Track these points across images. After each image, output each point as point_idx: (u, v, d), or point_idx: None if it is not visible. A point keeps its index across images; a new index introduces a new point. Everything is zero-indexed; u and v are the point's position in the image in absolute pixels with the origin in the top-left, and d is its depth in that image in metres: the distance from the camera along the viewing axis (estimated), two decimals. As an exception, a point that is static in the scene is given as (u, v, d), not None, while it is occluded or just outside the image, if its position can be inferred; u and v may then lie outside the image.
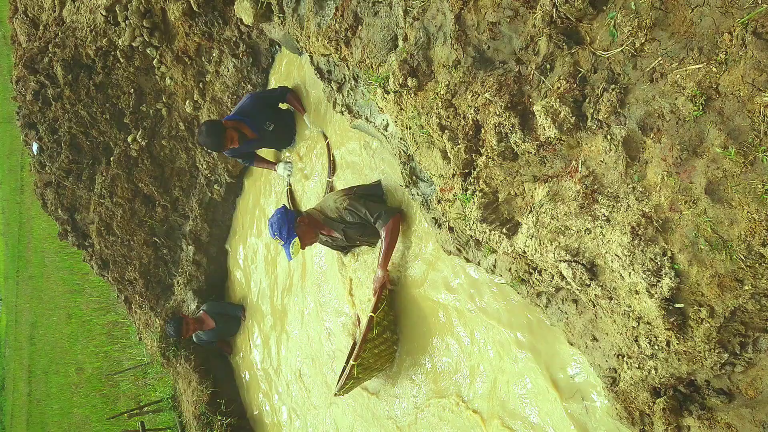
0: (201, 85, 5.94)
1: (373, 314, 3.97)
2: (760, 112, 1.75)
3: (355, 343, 4.23)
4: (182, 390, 7.24)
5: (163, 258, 7.36)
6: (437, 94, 2.82)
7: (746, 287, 1.87)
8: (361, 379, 4.24)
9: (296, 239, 4.04)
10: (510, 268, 2.94)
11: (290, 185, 5.38)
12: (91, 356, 13.01)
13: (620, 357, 2.35)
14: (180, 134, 6.55)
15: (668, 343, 2.09)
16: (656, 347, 2.13)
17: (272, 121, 5.10)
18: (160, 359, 7.41)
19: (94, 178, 7.15)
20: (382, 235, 4.02)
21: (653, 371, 2.18)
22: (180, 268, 7.27)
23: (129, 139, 6.64)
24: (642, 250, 2.03)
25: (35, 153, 7.28)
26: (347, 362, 4.20)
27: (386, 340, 4.12)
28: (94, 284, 12.67)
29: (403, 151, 3.66)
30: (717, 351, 2.01)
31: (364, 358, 4.03)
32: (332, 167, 4.82)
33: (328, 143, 4.87)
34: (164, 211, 6.97)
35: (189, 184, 6.81)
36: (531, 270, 2.74)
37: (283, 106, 5.23)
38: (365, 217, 4.04)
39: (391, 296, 4.11)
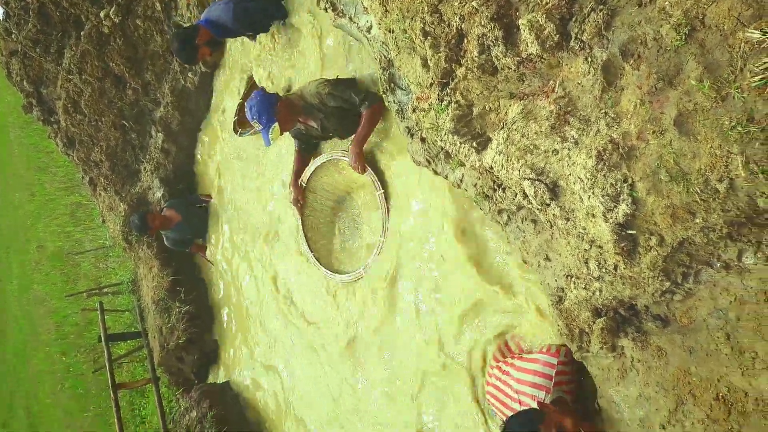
0: (181, -37, 5.64)
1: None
2: (740, 47, 1.74)
3: None
4: (143, 275, 7.31)
5: (131, 142, 7.22)
6: (424, -3, 2.74)
7: (697, 220, 1.93)
8: None
9: (276, 124, 3.96)
10: (476, 184, 2.97)
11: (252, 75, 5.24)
12: (53, 235, 12.95)
13: (569, 278, 2.43)
14: (156, 15, 6.25)
15: (616, 268, 2.17)
16: (604, 270, 2.21)
17: (253, 30, 4.90)
18: (122, 243, 7.42)
19: (63, 52, 6.86)
20: (364, 115, 3.94)
21: (598, 293, 2.28)
22: (148, 155, 7.15)
23: (101, 14, 6.32)
24: (604, 175, 2.07)
25: (1, 18, 6.92)
26: None
27: None
28: (59, 163, 12.44)
29: (384, 55, 3.58)
30: (660, 279, 2.09)
31: None
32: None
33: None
34: (135, 95, 6.76)
35: (162, 69, 6.57)
36: (495, 187, 2.77)
37: None
38: (350, 99, 3.94)
39: None
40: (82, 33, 6.48)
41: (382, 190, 4.02)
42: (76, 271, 11.56)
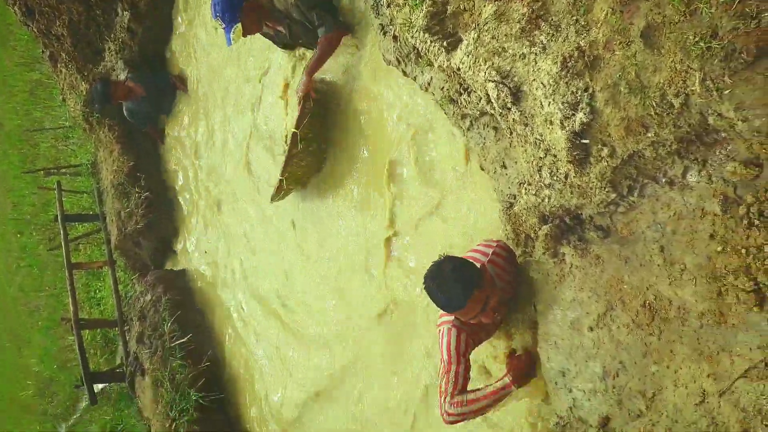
0: None
1: (296, 130, 3.99)
2: (715, -39, 1.73)
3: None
4: (103, 158, 7.18)
5: (95, 19, 6.87)
6: None
7: (649, 134, 1.97)
8: (293, 189, 4.37)
9: (239, 25, 3.84)
10: (443, 87, 2.96)
11: None
12: (11, 113, 12.47)
13: (521, 184, 2.49)
14: None
15: (566, 176, 2.22)
16: (555, 178, 2.26)
17: None
18: (83, 124, 7.22)
19: None
20: (319, 42, 3.86)
21: (547, 200, 2.34)
22: (113, 34, 6.83)
23: None
24: (566, 82, 2.08)
25: None
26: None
27: (312, 151, 4.19)
28: (18, 37, 11.81)
29: (364, -54, 3.45)
30: (607, 190, 2.16)
31: (291, 172, 4.14)
32: None
33: None
34: (101, -34, 6.41)
35: (132, -60, 6.21)
36: (461, 90, 2.77)
37: None
38: (310, 19, 3.84)
39: (318, 105, 4.08)
40: None
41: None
42: (35, 151, 11.24)
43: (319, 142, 4.19)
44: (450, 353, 2.58)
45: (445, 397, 2.55)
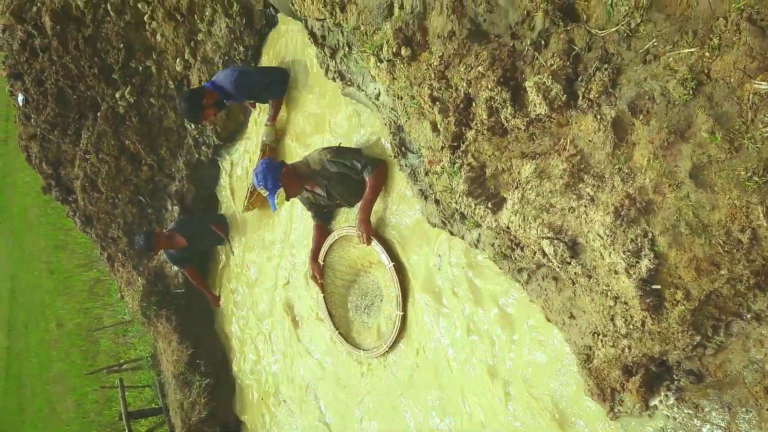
0: (192, 43, 5.84)
1: None
2: (748, 99, 1.75)
3: None
4: (162, 349, 7.27)
5: (147, 217, 7.31)
6: (430, 64, 2.80)
7: (723, 272, 1.90)
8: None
9: (281, 190, 4.06)
10: (493, 243, 2.96)
11: (265, 145, 5.30)
12: (72, 312, 12.99)
13: (596, 335, 2.38)
14: (169, 93, 6.45)
15: (643, 324, 2.13)
16: (631, 327, 2.17)
17: (253, 99, 5.20)
18: (141, 318, 7.41)
19: (80, 133, 7.05)
20: (368, 181, 3.99)
21: (627, 350, 2.23)
22: (164, 228, 7.23)
23: (117, 95, 6.52)
24: (624, 231, 2.06)
25: (20, 104, 7.16)
26: None
27: None
28: (77, 240, 12.60)
29: (393, 121, 3.64)
30: (690, 333, 2.05)
31: None
32: None
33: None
34: (150, 171, 6.91)
35: (176, 144, 6.73)
36: (513, 246, 2.76)
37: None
38: (351, 166, 4.01)
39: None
40: (98, 114, 6.68)
41: (392, 263, 3.92)
42: (96, 348, 11.53)
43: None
44: None
45: None
